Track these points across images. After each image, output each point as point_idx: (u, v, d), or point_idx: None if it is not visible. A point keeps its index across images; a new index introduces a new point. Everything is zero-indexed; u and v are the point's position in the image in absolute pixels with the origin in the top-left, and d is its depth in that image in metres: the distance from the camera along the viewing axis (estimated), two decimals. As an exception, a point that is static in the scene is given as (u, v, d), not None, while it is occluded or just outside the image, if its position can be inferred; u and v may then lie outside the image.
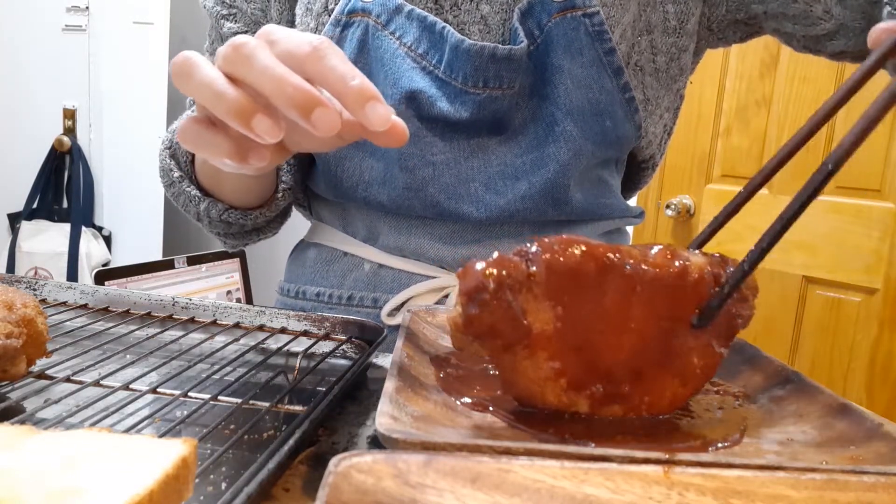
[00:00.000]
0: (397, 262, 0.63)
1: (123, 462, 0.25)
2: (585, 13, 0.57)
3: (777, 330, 1.65)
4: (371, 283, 0.64)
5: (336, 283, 0.66)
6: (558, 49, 0.57)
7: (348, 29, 0.59)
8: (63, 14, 2.26)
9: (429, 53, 0.58)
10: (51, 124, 2.30)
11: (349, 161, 0.61)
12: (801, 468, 0.29)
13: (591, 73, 0.58)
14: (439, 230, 0.62)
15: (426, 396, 0.39)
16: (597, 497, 0.28)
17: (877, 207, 1.49)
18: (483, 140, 0.60)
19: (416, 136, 0.59)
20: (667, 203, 1.78)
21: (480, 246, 0.62)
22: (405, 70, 0.58)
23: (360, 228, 0.65)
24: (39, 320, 0.42)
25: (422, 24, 0.57)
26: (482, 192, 0.60)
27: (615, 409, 0.38)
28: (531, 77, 0.59)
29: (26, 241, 2.26)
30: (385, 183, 0.61)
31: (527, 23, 0.58)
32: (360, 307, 0.64)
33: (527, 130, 0.60)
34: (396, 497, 0.27)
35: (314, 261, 0.68)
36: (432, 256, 0.62)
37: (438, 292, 0.61)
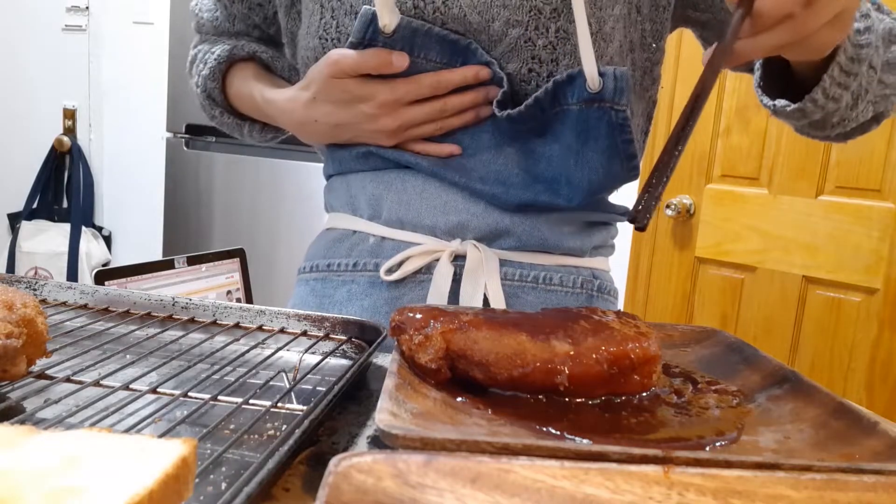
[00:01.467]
0: (397, 234, 0.69)
1: (123, 462, 0.25)
2: (613, 107, 0.60)
3: (777, 330, 1.65)
4: (374, 251, 0.70)
5: (345, 254, 0.72)
6: (574, 131, 0.61)
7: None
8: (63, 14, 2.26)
9: (453, 59, 0.63)
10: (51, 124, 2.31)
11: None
12: (798, 466, 0.29)
13: (604, 158, 0.62)
14: (434, 201, 0.67)
15: (426, 394, 0.39)
16: (597, 497, 0.28)
17: (877, 207, 1.49)
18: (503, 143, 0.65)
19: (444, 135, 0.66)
20: (667, 203, 1.78)
21: (469, 215, 0.67)
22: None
23: (364, 208, 0.71)
24: (39, 320, 0.42)
25: (442, 41, 0.62)
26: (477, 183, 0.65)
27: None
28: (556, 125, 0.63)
29: (26, 241, 2.27)
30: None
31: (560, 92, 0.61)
32: (364, 271, 0.70)
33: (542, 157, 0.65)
34: (396, 497, 0.27)
35: (328, 241, 0.75)
36: (427, 224, 0.67)
37: (430, 254, 0.67)
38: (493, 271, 0.66)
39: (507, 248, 0.67)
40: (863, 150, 1.50)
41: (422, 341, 0.42)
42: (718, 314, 1.74)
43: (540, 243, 0.67)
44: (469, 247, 0.66)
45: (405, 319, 0.43)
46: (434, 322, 0.42)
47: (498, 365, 0.40)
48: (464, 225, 0.66)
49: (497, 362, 0.40)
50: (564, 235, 0.68)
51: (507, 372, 0.40)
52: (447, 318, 0.43)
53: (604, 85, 0.59)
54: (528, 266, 0.68)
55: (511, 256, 0.67)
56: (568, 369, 0.39)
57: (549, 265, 0.68)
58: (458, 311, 0.44)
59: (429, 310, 0.44)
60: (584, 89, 0.59)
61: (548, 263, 0.68)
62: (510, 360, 0.40)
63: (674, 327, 0.55)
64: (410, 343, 0.42)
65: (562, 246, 0.68)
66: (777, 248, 1.62)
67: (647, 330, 0.44)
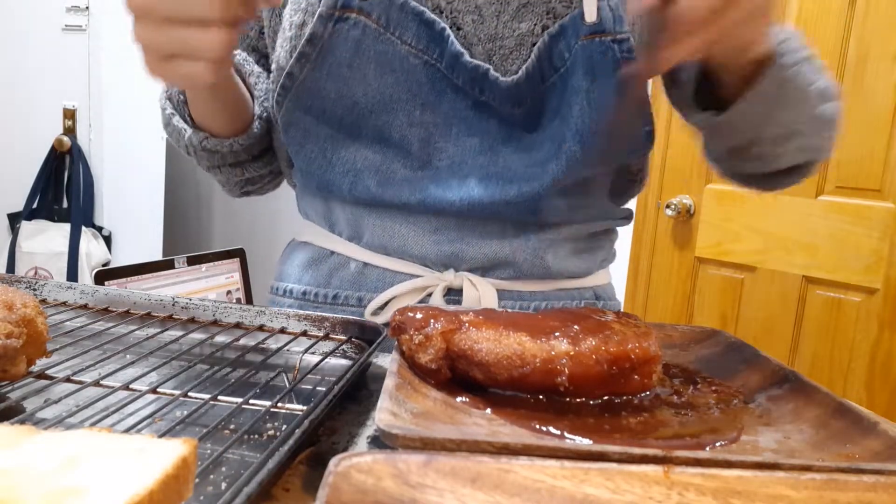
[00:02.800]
0: (382, 260, 0.63)
1: (123, 462, 0.25)
2: (615, 39, 0.57)
3: (777, 330, 1.65)
4: (356, 282, 0.65)
5: (322, 281, 0.66)
6: (580, 71, 0.57)
7: (341, 25, 0.56)
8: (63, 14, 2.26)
9: (429, 47, 0.57)
10: (51, 124, 2.30)
11: (344, 150, 0.62)
12: (798, 466, 0.29)
13: (610, 98, 0.57)
14: (423, 224, 0.62)
15: (426, 394, 0.39)
16: (597, 497, 0.28)
17: (877, 207, 1.49)
18: (496, 143, 0.60)
19: (426, 140, 0.60)
20: (667, 203, 1.78)
21: (463, 244, 0.62)
22: (411, 69, 0.58)
23: (344, 227, 0.66)
24: (39, 320, 0.42)
25: (418, 19, 0.57)
26: (474, 185, 0.60)
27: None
28: (555, 97, 0.59)
29: (26, 241, 2.26)
30: (378, 173, 0.61)
31: (557, 46, 0.57)
32: (345, 306, 0.65)
33: (540, 145, 0.60)
34: (396, 497, 0.27)
35: (302, 260, 0.69)
36: (416, 254, 0.62)
37: (421, 291, 0.62)
38: (492, 306, 0.61)
39: (506, 277, 0.63)
40: (863, 150, 1.50)
41: (422, 341, 0.42)
42: (718, 314, 1.74)
43: (542, 272, 0.64)
44: (464, 281, 0.61)
45: (405, 319, 0.43)
46: (434, 322, 0.42)
47: (498, 365, 0.40)
48: (457, 255, 0.62)
49: (497, 363, 0.40)
50: (569, 257, 0.65)
51: (508, 372, 0.40)
52: (447, 318, 0.43)
53: (601, 16, 0.56)
54: (528, 295, 0.64)
55: (509, 286, 0.63)
56: (568, 369, 0.40)
57: (550, 291, 0.65)
58: (459, 311, 0.44)
59: (429, 310, 0.44)
60: (580, 27, 0.56)
61: (548, 290, 0.65)
62: (510, 361, 0.40)
63: (674, 327, 0.55)
64: (410, 343, 0.42)
65: (565, 270, 0.65)
66: (777, 248, 1.62)
67: (648, 330, 0.44)
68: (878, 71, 1.47)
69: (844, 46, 1.50)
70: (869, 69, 1.48)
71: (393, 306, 0.62)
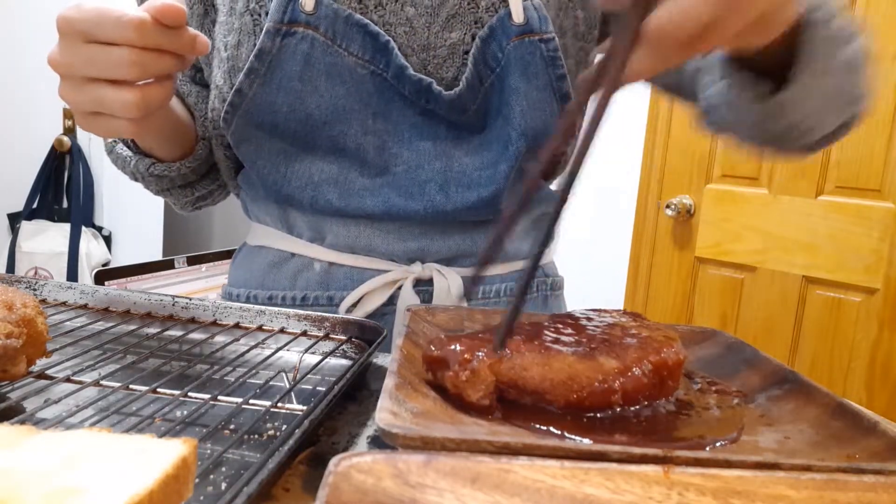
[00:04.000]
0: (348, 258, 0.64)
1: (123, 462, 0.25)
2: (542, 38, 0.59)
3: (777, 330, 1.65)
4: (323, 281, 0.65)
5: (287, 284, 0.66)
6: (516, 72, 0.59)
7: (289, 40, 0.57)
8: (63, 14, 2.26)
9: (375, 58, 0.59)
10: (51, 124, 2.30)
11: (299, 163, 0.62)
12: (798, 466, 0.29)
13: (544, 97, 0.60)
14: (387, 227, 0.63)
15: (426, 393, 0.39)
16: (597, 497, 0.28)
17: (877, 207, 1.49)
18: (448, 147, 0.62)
19: (381, 147, 0.61)
20: (667, 203, 1.78)
21: (428, 239, 0.64)
22: (360, 80, 0.59)
23: (304, 230, 0.66)
24: (39, 320, 0.42)
25: (363, 31, 0.58)
26: (435, 192, 0.62)
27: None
28: (495, 97, 0.61)
29: (26, 241, 2.26)
30: (338, 184, 0.62)
31: (489, 48, 0.59)
32: (315, 306, 0.65)
33: (488, 146, 0.62)
34: (396, 497, 0.27)
35: (262, 264, 0.68)
36: (383, 251, 0.64)
37: (392, 285, 0.63)
38: (459, 295, 0.63)
39: (468, 265, 0.65)
40: (863, 150, 1.50)
41: (470, 377, 0.39)
42: (718, 314, 1.74)
43: (501, 257, 0.67)
44: (434, 272, 0.63)
45: (446, 354, 0.40)
46: (478, 353, 0.39)
47: (553, 392, 0.38)
48: (423, 250, 0.64)
49: (553, 389, 0.38)
50: (519, 239, 0.68)
51: (564, 398, 0.38)
52: (489, 346, 0.40)
53: (527, 16, 0.58)
54: (489, 280, 0.66)
55: (471, 273, 0.65)
56: (620, 386, 0.38)
57: (506, 273, 0.67)
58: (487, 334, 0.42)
59: (466, 339, 0.41)
60: (509, 28, 0.58)
61: (505, 272, 0.67)
62: (565, 386, 0.38)
63: (674, 328, 0.55)
64: (456, 380, 0.39)
65: (519, 253, 0.68)
66: (777, 248, 1.62)
67: (671, 333, 0.43)
68: (878, 71, 1.47)
69: (844, 46, 1.50)
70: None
71: (365, 302, 0.63)
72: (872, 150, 1.49)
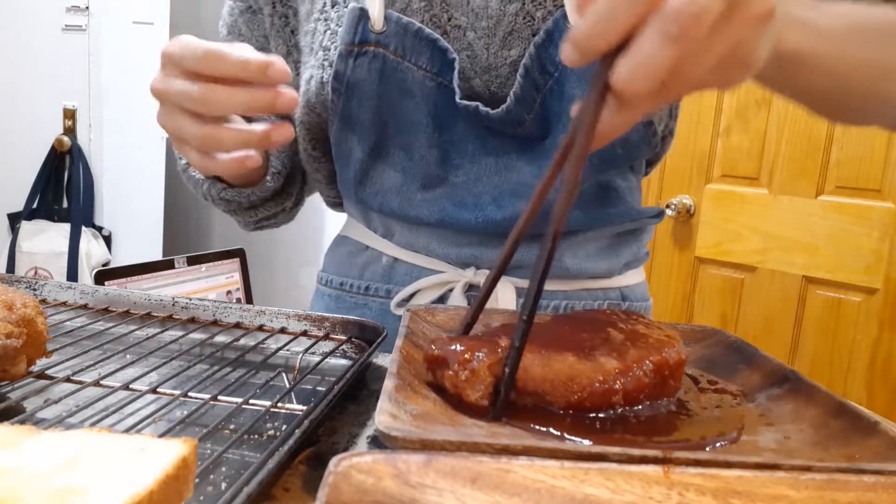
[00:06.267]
0: (410, 256, 0.67)
1: (123, 462, 0.25)
2: None
3: (777, 330, 1.65)
4: (386, 275, 0.69)
5: (357, 274, 0.71)
6: (573, 78, 0.57)
7: (362, 59, 0.59)
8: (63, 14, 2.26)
9: (442, 71, 0.60)
10: (51, 124, 2.30)
11: (372, 171, 0.65)
12: (798, 466, 0.29)
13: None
14: (443, 233, 0.65)
15: (425, 395, 0.39)
16: (597, 497, 0.28)
17: (877, 207, 1.49)
18: (512, 160, 0.62)
19: (444, 159, 0.62)
20: (667, 203, 1.78)
21: (483, 247, 0.64)
22: (429, 93, 0.60)
23: (378, 226, 0.70)
24: (39, 320, 0.42)
25: (433, 45, 0.59)
26: (488, 203, 0.62)
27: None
28: (555, 103, 0.59)
29: (26, 241, 2.26)
30: (400, 193, 0.64)
31: (547, 52, 0.57)
32: (375, 297, 0.69)
33: (549, 153, 0.61)
34: (396, 497, 0.27)
35: (343, 253, 0.74)
36: (440, 253, 0.66)
37: (443, 286, 0.65)
38: (508, 303, 0.62)
39: (524, 276, 0.64)
40: (863, 150, 1.50)
41: (469, 377, 0.39)
42: (718, 314, 1.74)
43: (561, 272, 0.64)
44: (484, 277, 0.61)
45: (446, 353, 0.40)
46: (478, 353, 0.39)
47: (554, 393, 0.38)
48: (478, 257, 0.64)
49: (553, 390, 0.38)
50: (589, 258, 0.65)
51: (565, 399, 0.38)
52: (489, 347, 0.40)
53: None
54: (549, 294, 0.64)
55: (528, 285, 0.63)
56: (621, 385, 0.38)
57: (572, 291, 0.65)
58: (494, 337, 0.42)
59: (465, 340, 0.41)
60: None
61: (570, 289, 0.65)
62: (566, 387, 0.38)
63: (674, 327, 0.55)
64: (456, 380, 0.39)
65: (586, 271, 0.65)
66: (777, 248, 1.62)
67: (672, 332, 0.43)
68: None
69: (844, 46, 1.50)
70: (869, 69, 1.48)
71: (417, 298, 0.65)
72: (872, 150, 1.49)
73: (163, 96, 0.49)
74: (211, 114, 0.48)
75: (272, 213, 0.73)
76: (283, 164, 0.70)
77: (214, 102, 0.46)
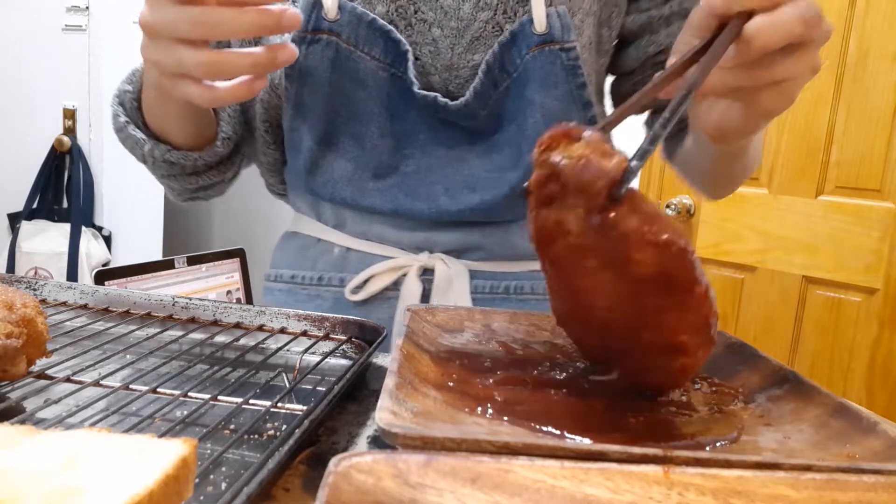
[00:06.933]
0: (362, 245, 0.68)
1: (123, 462, 0.25)
2: (562, 48, 0.59)
3: (777, 330, 1.65)
4: (339, 265, 0.69)
5: (309, 266, 0.71)
6: (534, 83, 0.60)
7: (314, 46, 0.60)
8: (63, 14, 2.26)
9: (395, 62, 0.61)
10: (51, 124, 2.30)
11: (322, 160, 0.66)
12: (798, 466, 0.29)
13: (563, 107, 0.61)
14: (397, 221, 0.67)
15: (426, 393, 0.39)
16: (597, 497, 0.28)
17: (877, 207, 1.49)
18: (463, 151, 0.64)
19: (395, 148, 0.64)
20: (667, 203, 1.78)
21: (436, 232, 0.66)
22: (381, 83, 0.61)
23: (329, 217, 0.70)
24: (39, 320, 0.42)
25: (386, 37, 0.60)
26: (440, 195, 0.64)
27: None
28: (509, 103, 0.62)
29: (26, 241, 2.26)
30: (351, 182, 0.65)
31: (508, 53, 0.60)
32: (329, 286, 0.69)
33: (499, 149, 0.64)
34: (396, 497, 0.27)
35: (293, 248, 0.74)
36: (393, 240, 0.67)
37: (398, 270, 0.66)
38: (463, 285, 0.65)
39: (477, 259, 0.67)
40: (863, 150, 1.50)
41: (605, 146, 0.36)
42: (719, 314, 1.74)
43: (511, 253, 0.67)
44: (437, 261, 0.65)
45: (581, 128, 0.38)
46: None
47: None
48: (431, 240, 0.66)
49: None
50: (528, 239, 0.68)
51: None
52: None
53: (550, 24, 0.58)
54: (500, 276, 0.67)
55: (481, 267, 0.66)
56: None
57: (521, 272, 0.68)
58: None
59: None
60: (531, 35, 0.59)
61: (519, 271, 0.68)
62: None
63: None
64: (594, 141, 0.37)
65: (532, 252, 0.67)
66: (777, 248, 1.62)
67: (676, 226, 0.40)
68: (878, 71, 1.47)
69: (844, 46, 1.50)
70: (869, 69, 1.48)
71: (371, 284, 0.66)
72: (872, 150, 1.49)
73: (153, 28, 0.45)
74: (215, 38, 0.44)
75: (212, 183, 0.71)
76: (234, 130, 0.68)
77: (221, 24, 0.43)
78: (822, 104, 1.54)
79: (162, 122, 0.63)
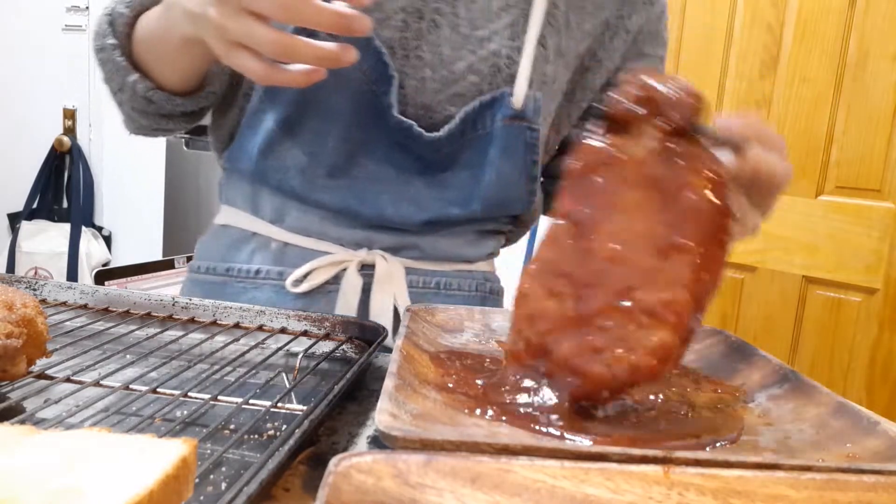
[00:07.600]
0: (301, 240, 0.69)
1: (123, 462, 0.25)
2: (530, 127, 0.65)
3: (777, 330, 1.65)
4: (277, 259, 0.70)
5: (245, 259, 0.71)
6: (498, 147, 0.65)
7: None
8: (63, 14, 2.26)
9: (378, 82, 0.62)
10: (51, 124, 2.30)
11: (278, 145, 0.66)
12: (798, 466, 0.29)
13: (514, 174, 0.67)
14: (340, 219, 0.68)
15: (425, 395, 0.39)
16: (597, 497, 0.28)
17: (877, 207, 1.49)
18: (412, 176, 0.67)
19: (352, 154, 0.65)
20: (667, 203, 1.78)
21: (376, 232, 0.68)
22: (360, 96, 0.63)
23: (268, 210, 0.70)
24: (39, 320, 0.42)
25: (377, 55, 0.61)
26: (387, 205, 0.67)
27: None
28: (470, 153, 0.66)
29: (26, 241, 2.27)
30: (303, 174, 0.66)
31: (484, 113, 0.64)
32: (266, 279, 0.69)
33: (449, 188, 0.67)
34: (396, 497, 0.27)
35: (225, 242, 0.73)
36: (334, 237, 0.69)
37: (338, 265, 0.68)
38: (400, 280, 0.69)
39: (412, 258, 0.70)
40: (863, 150, 1.50)
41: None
42: (719, 314, 1.74)
43: (441, 255, 0.71)
44: (377, 257, 0.68)
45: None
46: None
47: None
48: (370, 239, 0.69)
49: None
50: (461, 246, 0.73)
51: None
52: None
53: (525, 105, 0.64)
54: (431, 273, 0.72)
55: (415, 265, 0.70)
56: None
57: (449, 271, 0.73)
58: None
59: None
60: (508, 108, 0.64)
61: (447, 269, 0.73)
62: None
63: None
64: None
65: (460, 256, 0.73)
66: (777, 248, 1.62)
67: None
68: (878, 71, 1.46)
69: (844, 46, 1.50)
70: (869, 69, 1.48)
71: (312, 277, 0.67)
72: (872, 150, 1.49)
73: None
74: (294, 24, 0.45)
75: (173, 128, 0.70)
76: (221, 85, 0.68)
77: (302, 13, 0.44)
78: (822, 104, 1.54)
79: (154, 59, 0.62)
